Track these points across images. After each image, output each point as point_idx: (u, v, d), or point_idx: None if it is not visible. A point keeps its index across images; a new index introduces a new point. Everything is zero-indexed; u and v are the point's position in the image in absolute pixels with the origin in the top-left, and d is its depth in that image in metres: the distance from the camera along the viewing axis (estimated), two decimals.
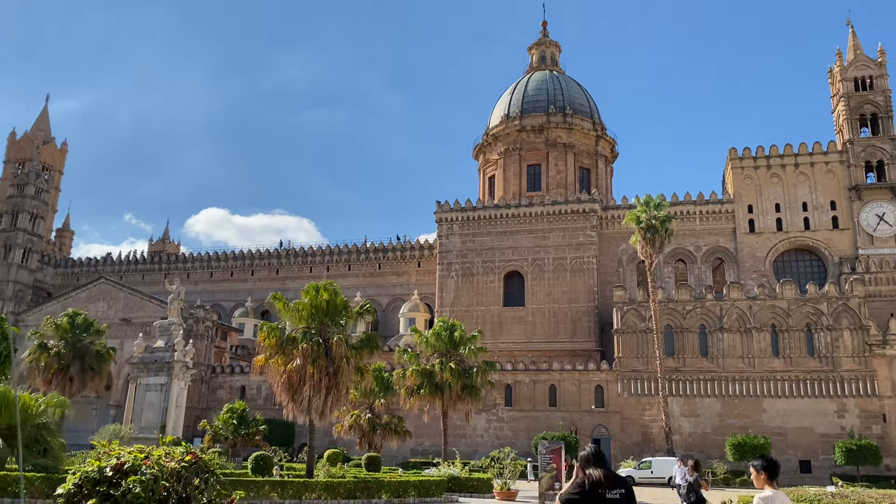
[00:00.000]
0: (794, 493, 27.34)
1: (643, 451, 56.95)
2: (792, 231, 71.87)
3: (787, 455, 55.83)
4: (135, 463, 7.58)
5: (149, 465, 7.55)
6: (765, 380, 58.30)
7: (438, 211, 78.96)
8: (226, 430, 46.29)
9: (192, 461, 7.80)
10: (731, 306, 60.17)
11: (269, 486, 26.95)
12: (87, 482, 7.43)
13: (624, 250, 73.88)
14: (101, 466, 7.59)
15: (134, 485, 7.46)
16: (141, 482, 7.50)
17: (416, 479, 30.18)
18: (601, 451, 7.68)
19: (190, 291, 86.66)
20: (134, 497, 7.30)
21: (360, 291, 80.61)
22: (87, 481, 7.42)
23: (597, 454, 7.58)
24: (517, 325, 73.76)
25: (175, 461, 7.78)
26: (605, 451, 58.45)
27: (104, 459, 7.75)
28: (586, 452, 7.65)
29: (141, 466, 7.54)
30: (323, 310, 31.20)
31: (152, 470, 7.46)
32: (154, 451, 7.95)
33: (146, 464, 7.58)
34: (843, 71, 74.41)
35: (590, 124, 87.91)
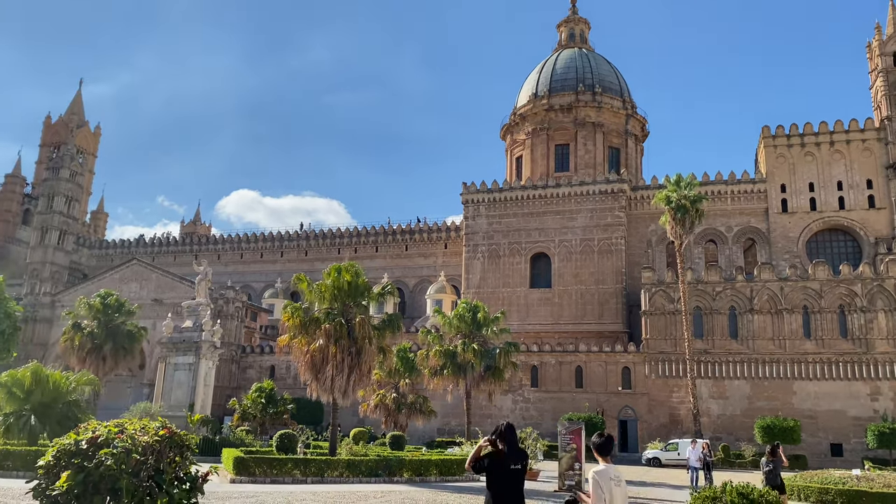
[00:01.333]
0: (818, 476, 26.96)
1: (670, 433, 56.60)
2: (826, 211, 70.22)
3: (818, 438, 55.09)
4: (108, 437, 7.78)
5: (122, 439, 7.73)
6: (796, 362, 57.38)
7: (465, 192, 78.69)
8: (254, 408, 47.00)
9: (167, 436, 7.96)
10: (761, 287, 59.16)
11: (291, 464, 27.35)
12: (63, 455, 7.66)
13: (653, 231, 72.94)
14: (77, 440, 7.83)
15: (106, 457, 7.62)
16: (112, 455, 7.66)
17: (437, 458, 30.38)
18: (512, 427, 8.96)
19: (221, 272, 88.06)
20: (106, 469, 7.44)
21: (388, 272, 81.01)
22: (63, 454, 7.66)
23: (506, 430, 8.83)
24: (544, 307, 73.44)
25: (149, 435, 7.95)
26: (633, 433, 58.58)
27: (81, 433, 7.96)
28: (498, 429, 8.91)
29: (114, 440, 7.72)
30: (345, 291, 31.38)
31: (125, 444, 7.63)
32: (129, 426, 8.15)
33: (119, 437, 7.76)
34: (881, 45, 72.11)
35: (619, 103, 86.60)
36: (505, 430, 8.85)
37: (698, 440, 32.16)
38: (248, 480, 25.99)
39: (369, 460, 28.55)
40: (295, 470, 27.10)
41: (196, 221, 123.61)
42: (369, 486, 25.71)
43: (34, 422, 28.68)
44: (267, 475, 26.60)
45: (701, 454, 29.87)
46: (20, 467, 24.76)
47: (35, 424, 28.69)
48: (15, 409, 28.93)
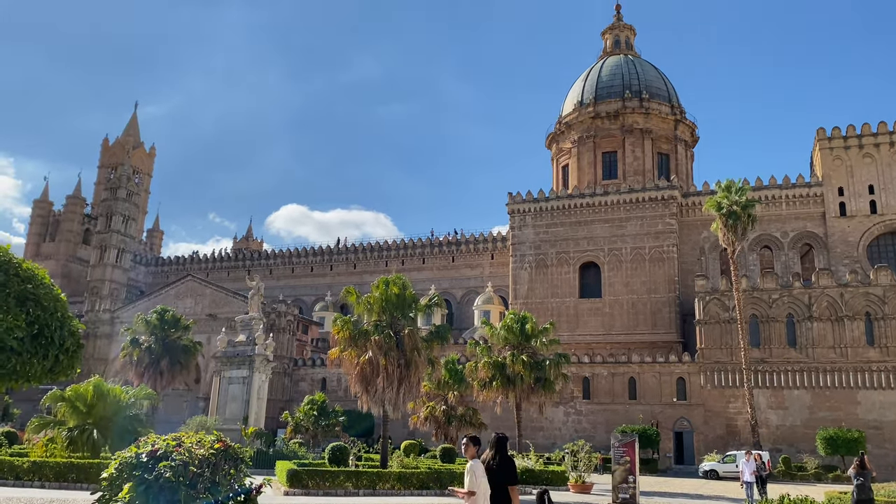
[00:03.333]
0: (885, 489, 25.90)
1: (728, 445, 55.13)
2: (888, 214, 67.71)
3: (885, 450, 52.92)
4: (167, 450, 8.07)
5: (180, 452, 7.99)
6: (859, 370, 55.34)
7: (510, 202, 78.49)
8: (306, 421, 47.57)
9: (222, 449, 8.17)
10: (820, 294, 57.33)
11: (343, 476, 27.51)
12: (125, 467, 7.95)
13: (706, 238, 71.46)
14: (138, 453, 8.13)
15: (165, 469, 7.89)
16: (171, 467, 7.91)
17: None
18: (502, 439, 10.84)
19: (272, 287, 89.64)
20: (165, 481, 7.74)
21: (435, 284, 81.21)
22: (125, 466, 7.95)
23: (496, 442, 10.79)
24: (594, 317, 72.54)
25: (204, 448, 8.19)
26: (688, 444, 57.23)
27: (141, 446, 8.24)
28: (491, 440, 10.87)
29: (172, 453, 7.99)
30: (393, 303, 31.55)
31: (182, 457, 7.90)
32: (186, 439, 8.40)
33: (177, 451, 8.03)
34: None
35: (667, 108, 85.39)
36: (496, 442, 10.84)
37: (753, 452, 30.90)
38: (302, 493, 26.24)
39: (420, 473, 28.53)
40: (347, 482, 27.26)
41: (248, 237, 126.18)
42: (421, 500, 25.68)
43: (96, 435, 29.51)
44: (320, 487, 26.81)
45: (755, 467, 28.56)
46: (83, 479, 25.51)
47: (97, 438, 29.51)
48: (78, 423, 29.82)
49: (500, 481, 10.54)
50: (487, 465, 10.68)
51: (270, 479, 9.51)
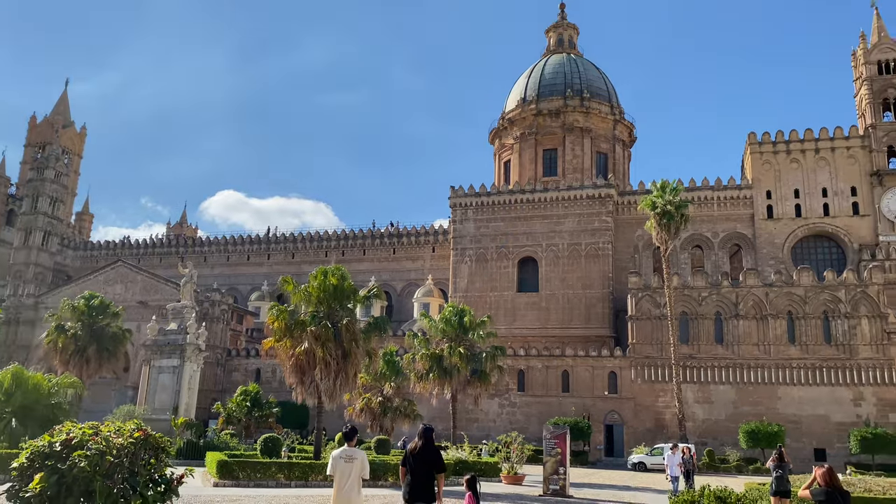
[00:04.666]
0: (800, 481, 27.06)
1: (656, 438, 56.77)
2: (811, 217, 70.81)
3: (802, 443, 55.45)
4: (82, 438, 7.72)
5: (96, 441, 7.68)
6: (780, 367, 57.79)
7: (453, 196, 78.76)
8: (239, 412, 46.81)
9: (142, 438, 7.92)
10: (747, 293, 59.58)
11: (275, 468, 27.23)
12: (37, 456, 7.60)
13: (640, 236, 73.24)
14: (51, 441, 7.77)
15: (79, 459, 7.58)
16: (86, 457, 7.61)
17: None
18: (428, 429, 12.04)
19: (207, 275, 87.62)
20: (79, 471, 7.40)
21: (375, 276, 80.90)
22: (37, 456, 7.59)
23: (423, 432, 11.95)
24: (531, 311, 73.57)
25: (123, 437, 7.91)
26: (618, 437, 58.68)
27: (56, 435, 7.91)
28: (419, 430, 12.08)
29: (88, 442, 7.68)
30: (331, 293, 31.30)
31: (99, 446, 7.59)
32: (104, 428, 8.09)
33: (93, 440, 7.71)
34: (866, 54, 72.88)
35: (607, 108, 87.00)
36: (422, 432, 11.94)
37: (679, 445, 31.55)
38: (232, 484, 25.84)
39: None
40: (279, 474, 26.99)
41: (182, 223, 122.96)
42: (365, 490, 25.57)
43: (15, 424, 28.40)
44: (251, 479, 26.46)
45: (682, 460, 28.89)
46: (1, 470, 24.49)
47: (16, 427, 28.40)
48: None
49: (427, 469, 11.58)
50: (416, 453, 11.68)
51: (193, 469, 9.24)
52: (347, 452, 12.09)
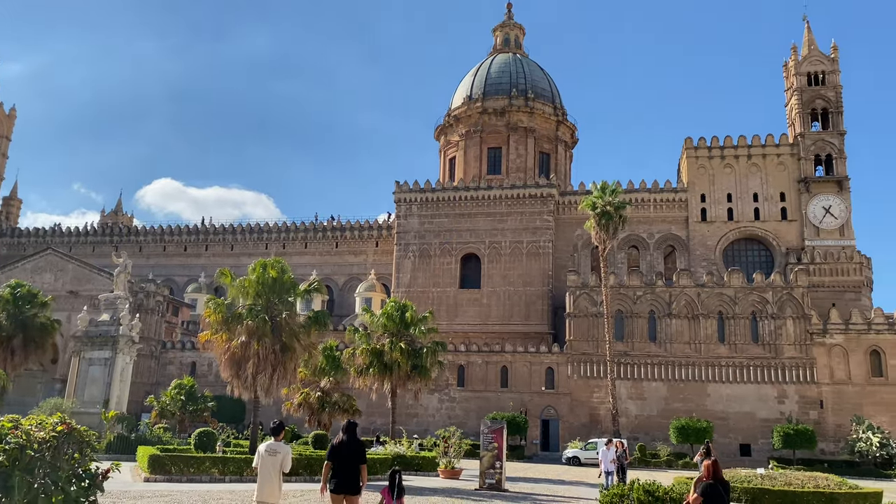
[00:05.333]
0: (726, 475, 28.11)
1: (590, 433, 58.10)
2: (742, 221, 73.47)
3: (729, 439, 57.58)
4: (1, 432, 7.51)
5: (15, 434, 7.50)
6: (710, 365, 59.85)
7: (397, 191, 78.73)
8: (173, 405, 45.94)
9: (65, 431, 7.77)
10: (680, 293, 61.48)
11: (209, 462, 26.84)
12: None
13: (579, 235, 74.66)
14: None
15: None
16: (4, 451, 7.47)
17: None
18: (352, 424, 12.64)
19: (142, 265, 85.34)
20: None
21: (316, 269, 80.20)
22: None
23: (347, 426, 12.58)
24: (472, 307, 74.20)
25: (45, 431, 7.74)
26: (554, 432, 59.71)
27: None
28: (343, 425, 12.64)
29: (7, 436, 7.50)
30: (270, 287, 30.97)
31: (18, 439, 7.40)
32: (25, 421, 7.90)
33: (13, 433, 7.53)
34: (797, 65, 75.91)
35: (551, 109, 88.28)
36: (346, 426, 12.55)
37: (613, 440, 31.97)
38: (164, 479, 25.37)
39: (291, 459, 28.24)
40: (213, 468, 26.61)
41: (117, 211, 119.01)
42: (290, 486, 25.43)
43: None
44: (184, 473, 26.03)
45: (615, 455, 28.45)
46: None
47: None
48: None
49: (352, 462, 12.26)
50: (340, 447, 12.35)
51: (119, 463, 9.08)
52: (272, 447, 12.61)
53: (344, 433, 12.51)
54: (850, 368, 58.15)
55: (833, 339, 58.84)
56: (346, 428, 12.56)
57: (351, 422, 12.73)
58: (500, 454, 27.54)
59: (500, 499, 24.42)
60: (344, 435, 12.48)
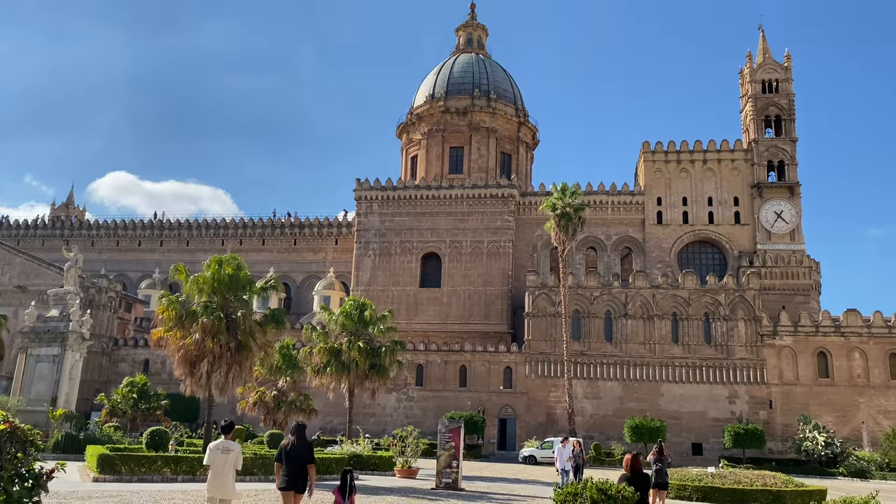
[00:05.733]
0: (678, 474, 28.80)
1: (547, 432, 58.66)
2: (697, 224, 74.98)
3: (682, 438, 58.72)
4: None
5: None
6: (664, 365, 60.96)
7: (358, 189, 78.33)
8: (125, 404, 44.96)
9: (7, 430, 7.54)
10: (635, 294, 62.46)
11: (161, 462, 26.32)
12: None
13: (539, 236, 75.31)
14: None
15: None
16: None
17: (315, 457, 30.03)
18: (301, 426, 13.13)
19: (94, 260, 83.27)
20: None
21: (274, 267, 79.20)
22: None
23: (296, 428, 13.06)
24: (432, 306, 74.24)
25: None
26: (511, 431, 60.04)
27: None
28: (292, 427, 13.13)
29: None
30: (226, 284, 30.43)
31: None
32: None
33: None
34: (752, 73, 77.77)
35: (513, 110, 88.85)
36: (295, 428, 13.07)
37: (570, 438, 32.06)
38: (114, 479, 24.79)
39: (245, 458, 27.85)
40: (165, 468, 26.10)
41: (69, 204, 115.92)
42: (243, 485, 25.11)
43: None
44: (134, 473, 25.46)
45: (572, 454, 28.46)
46: None
47: None
48: None
49: (301, 462, 12.73)
50: (289, 448, 12.82)
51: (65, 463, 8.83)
52: (224, 445, 12.97)
53: (293, 435, 13.00)
54: (799, 369, 59.83)
55: (782, 340, 60.47)
56: (296, 430, 13.09)
57: (300, 424, 13.23)
58: (457, 453, 27.58)
59: (456, 498, 24.48)
60: (293, 437, 12.96)
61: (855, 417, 58.11)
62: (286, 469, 12.76)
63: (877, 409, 58.28)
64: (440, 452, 27.98)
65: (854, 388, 58.98)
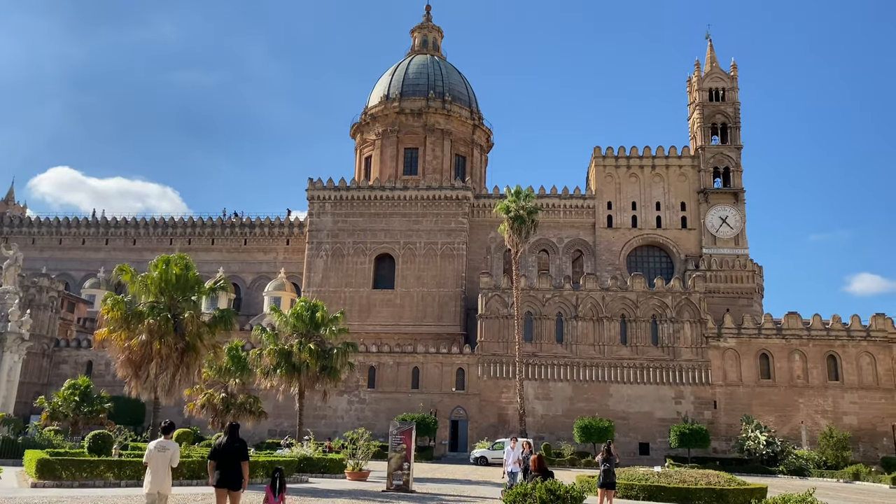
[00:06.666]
0: (625, 473, 29.33)
1: (498, 433, 59.05)
2: (645, 228, 76.53)
3: (629, 438, 59.80)
4: None
5: None
6: (612, 366, 61.99)
7: (311, 188, 77.63)
8: (66, 406, 43.66)
9: None
10: (586, 296, 63.39)
11: (104, 466, 25.60)
12: None
13: (493, 238, 75.81)
14: None
15: None
16: None
17: (264, 459, 29.69)
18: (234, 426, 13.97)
19: (35, 258, 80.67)
20: None
21: (224, 267, 78.02)
22: None
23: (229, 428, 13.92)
24: (386, 308, 74.03)
25: None
26: (463, 432, 60.23)
27: None
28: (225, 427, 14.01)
29: None
30: (173, 284, 29.93)
31: None
32: None
33: None
34: (699, 81, 79.75)
35: (468, 112, 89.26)
36: (229, 428, 13.89)
37: (519, 439, 31.38)
38: (53, 484, 24.04)
39: (192, 462, 27.31)
40: (108, 472, 25.40)
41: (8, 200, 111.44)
42: (190, 489, 24.66)
43: None
44: (76, 478, 24.72)
45: (521, 456, 26.23)
46: None
47: None
48: None
49: (234, 459, 13.40)
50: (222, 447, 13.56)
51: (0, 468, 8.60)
52: (162, 444, 13.78)
53: (226, 434, 13.81)
54: (742, 371, 61.55)
55: (727, 342, 62.13)
56: (229, 430, 13.89)
57: (233, 424, 14.10)
58: (408, 455, 27.59)
59: (406, 500, 24.47)
60: (225, 436, 13.76)
61: (794, 417, 60.06)
62: (219, 466, 13.44)
63: (815, 409, 60.34)
64: (391, 454, 27.94)
65: (794, 389, 60.96)
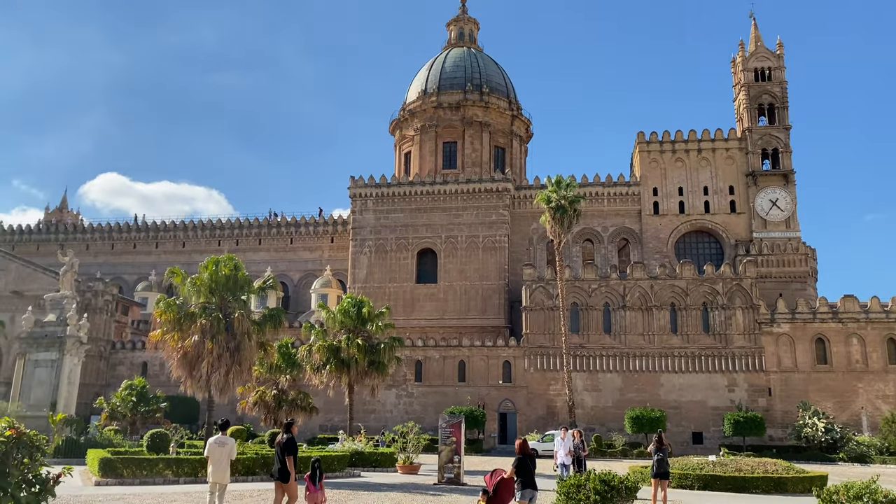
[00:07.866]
0: (679, 463, 28.88)
1: (547, 425, 58.69)
2: (693, 214, 75.06)
3: (682, 427, 58.84)
4: None
5: None
6: (663, 356, 61.02)
7: (353, 186, 78.22)
8: (124, 407, 44.84)
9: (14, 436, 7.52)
10: (633, 285, 62.48)
11: (163, 464, 26.26)
12: None
13: (535, 229, 75.29)
14: None
15: None
16: None
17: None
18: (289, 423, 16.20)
19: (90, 263, 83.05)
20: None
21: (271, 266, 79.20)
22: None
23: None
24: (429, 302, 74.24)
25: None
26: (512, 425, 60.09)
27: None
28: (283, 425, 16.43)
29: None
30: (223, 284, 30.44)
31: None
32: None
33: None
34: (744, 62, 77.78)
35: (506, 103, 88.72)
36: (285, 427, 16.02)
37: (570, 429, 30.34)
38: (115, 482, 24.75)
39: (247, 459, 27.83)
40: (167, 470, 26.05)
41: (62, 208, 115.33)
42: (246, 485, 25.13)
43: None
44: (136, 476, 25.43)
45: (572, 446, 26.09)
46: None
47: None
48: None
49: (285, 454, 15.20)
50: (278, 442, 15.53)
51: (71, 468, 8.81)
52: (220, 439, 15.80)
53: (284, 433, 15.74)
54: (797, 356, 59.96)
55: (780, 328, 60.57)
56: (285, 428, 15.85)
57: (289, 422, 16.15)
58: (458, 448, 27.61)
59: (458, 492, 24.48)
60: (284, 434, 15.70)
61: (854, 403, 58.29)
62: (277, 461, 15.43)
63: (875, 394, 58.45)
64: (441, 448, 28.01)
65: (852, 374, 59.14)
